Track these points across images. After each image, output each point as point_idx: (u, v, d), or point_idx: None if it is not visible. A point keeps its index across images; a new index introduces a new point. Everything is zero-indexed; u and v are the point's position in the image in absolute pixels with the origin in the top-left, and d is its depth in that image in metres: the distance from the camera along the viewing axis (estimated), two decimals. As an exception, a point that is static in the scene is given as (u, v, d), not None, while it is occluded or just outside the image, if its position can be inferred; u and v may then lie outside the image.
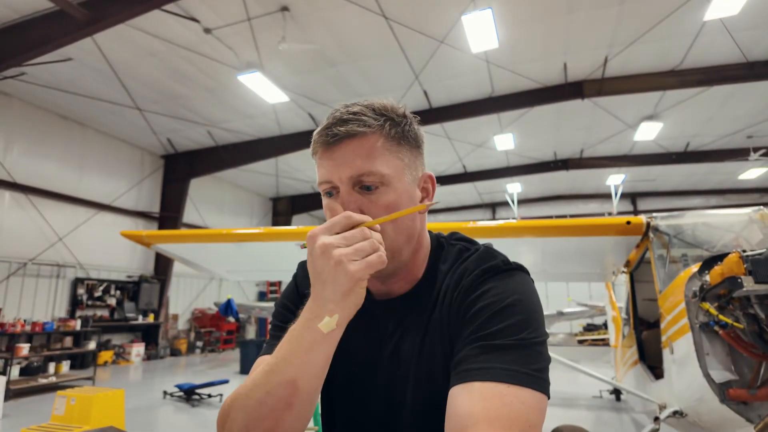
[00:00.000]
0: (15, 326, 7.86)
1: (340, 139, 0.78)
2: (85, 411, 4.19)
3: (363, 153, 0.78)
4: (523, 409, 0.65)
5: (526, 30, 8.17)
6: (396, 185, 0.81)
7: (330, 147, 0.80)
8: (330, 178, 0.80)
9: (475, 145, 13.32)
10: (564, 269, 6.04)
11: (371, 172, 0.78)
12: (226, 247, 5.23)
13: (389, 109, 0.83)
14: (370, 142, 0.79)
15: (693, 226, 3.99)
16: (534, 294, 0.79)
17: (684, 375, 3.18)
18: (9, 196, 9.60)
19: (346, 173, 0.78)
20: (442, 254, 0.91)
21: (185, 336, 13.84)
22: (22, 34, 7.29)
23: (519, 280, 0.80)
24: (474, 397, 0.66)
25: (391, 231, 0.80)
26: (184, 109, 10.72)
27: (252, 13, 7.40)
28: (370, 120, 0.80)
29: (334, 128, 0.79)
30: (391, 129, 0.81)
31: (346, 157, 0.78)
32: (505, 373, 0.68)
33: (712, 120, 11.90)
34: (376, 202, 0.79)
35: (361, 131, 0.78)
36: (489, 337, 0.72)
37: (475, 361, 0.70)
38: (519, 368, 0.68)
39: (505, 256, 0.86)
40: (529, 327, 0.73)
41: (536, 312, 0.76)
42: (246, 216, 17.16)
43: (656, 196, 18.83)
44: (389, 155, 0.81)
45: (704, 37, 8.31)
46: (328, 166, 0.80)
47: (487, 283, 0.79)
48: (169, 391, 7.36)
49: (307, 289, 0.96)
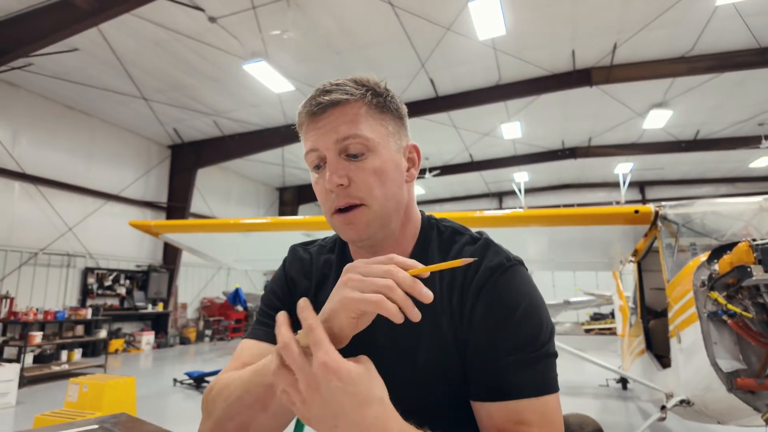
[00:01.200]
0: (28, 315, 7.99)
1: (324, 107, 0.80)
2: (98, 398, 4.26)
3: (347, 119, 0.80)
4: (555, 417, 0.73)
5: (533, 16, 8.05)
6: (381, 151, 0.82)
7: (315, 117, 0.81)
8: (316, 146, 0.81)
9: (482, 133, 13.23)
10: (571, 258, 6.03)
11: (356, 135, 0.79)
12: (233, 237, 5.26)
13: (371, 81, 0.85)
14: (354, 108, 0.81)
15: (702, 214, 3.95)
16: (536, 288, 0.82)
17: (691, 364, 3.18)
18: (19, 186, 9.69)
19: (332, 139, 0.79)
20: (432, 234, 0.91)
21: (194, 324, 14.00)
22: (28, 25, 7.29)
23: (525, 277, 0.82)
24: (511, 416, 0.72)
25: (381, 196, 0.80)
26: (190, 98, 10.72)
27: (257, 2, 7.35)
28: (352, 89, 0.81)
29: (317, 98, 0.81)
30: (373, 98, 0.83)
31: (331, 124, 0.80)
32: (533, 386, 0.73)
33: (722, 107, 11.72)
34: (363, 168, 0.80)
35: (344, 98, 0.80)
36: (519, 351, 0.75)
37: (507, 377, 0.74)
38: (543, 377, 0.74)
39: (504, 248, 0.86)
40: (543, 331, 0.77)
41: (545, 312, 0.80)
42: (253, 206, 17.22)
43: (665, 184, 18.65)
44: (373, 121, 0.82)
45: (715, 23, 8.15)
46: (313, 135, 0.81)
47: (499, 285, 0.79)
48: (179, 378, 7.47)
49: (295, 273, 0.97)
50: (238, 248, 5.87)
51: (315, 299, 0.93)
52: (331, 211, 0.82)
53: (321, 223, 4.79)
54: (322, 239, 1.03)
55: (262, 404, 0.73)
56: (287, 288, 0.98)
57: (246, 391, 0.74)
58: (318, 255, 0.99)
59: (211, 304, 14.74)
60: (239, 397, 0.75)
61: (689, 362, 3.22)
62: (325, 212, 0.84)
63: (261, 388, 0.72)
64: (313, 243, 1.03)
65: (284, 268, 1.00)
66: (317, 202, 4.60)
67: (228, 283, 15.85)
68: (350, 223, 0.81)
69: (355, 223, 0.80)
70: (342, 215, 0.81)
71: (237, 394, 0.76)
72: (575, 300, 12.77)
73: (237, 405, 0.75)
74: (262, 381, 0.72)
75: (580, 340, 8.95)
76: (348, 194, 0.79)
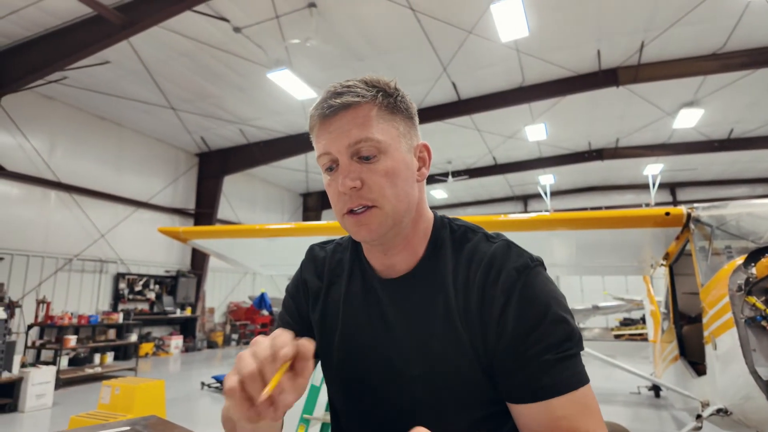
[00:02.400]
0: (63, 319, 8.27)
1: (336, 110, 0.81)
2: (129, 400, 4.37)
3: (358, 122, 0.80)
4: (593, 404, 0.75)
5: (557, 17, 7.95)
6: (393, 153, 0.82)
7: (326, 119, 0.82)
8: (328, 149, 0.81)
9: (506, 136, 13.09)
10: (599, 262, 5.89)
11: (368, 138, 0.79)
12: (258, 242, 5.33)
13: (381, 82, 0.85)
14: (365, 111, 0.81)
15: (737, 216, 3.81)
16: (557, 286, 0.83)
17: (728, 372, 3.06)
18: (55, 195, 10.08)
19: (344, 142, 0.80)
20: (445, 233, 0.91)
21: (221, 329, 14.24)
22: (63, 40, 7.60)
23: (547, 277, 0.83)
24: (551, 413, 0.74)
25: (392, 196, 0.81)
26: (216, 107, 10.96)
27: (280, 11, 7.48)
28: (363, 91, 0.82)
29: (329, 101, 0.81)
30: (383, 99, 0.83)
31: (343, 128, 0.80)
32: (570, 381, 0.75)
33: (757, 104, 11.30)
34: (375, 170, 0.80)
35: (356, 101, 0.81)
36: (546, 351, 0.75)
37: (543, 377, 0.75)
38: (575, 372, 0.76)
39: (523, 249, 0.85)
40: (573, 329, 0.78)
41: (568, 309, 0.81)
42: (277, 212, 17.45)
43: (697, 185, 18.06)
44: (384, 123, 0.82)
45: (749, 17, 7.87)
46: (325, 138, 0.82)
47: (528, 286, 0.79)
48: (206, 382, 7.60)
49: (309, 275, 0.99)
50: (264, 253, 5.94)
51: (326, 299, 0.95)
52: (343, 212, 0.83)
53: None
54: (340, 237, 1.04)
55: None
56: (300, 290, 1.00)
57: (225, 419, 0.82)
58: (333, 254, 1.00)
59: (237, 309, 14.98)
60: (223, 421, 0.84)
61: (726, 369, 3.09)
62: (336, 213, 0.85)
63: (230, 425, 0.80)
64: (331, 242, 1.04)
65: (300, 269, 1.03)
66: (339, 206, 4.47)
67: (254, 287, 16.08)
68: (362, 225, 0.81)
69: (367, 224, 0.81)
70: (354, 217, 0.81)
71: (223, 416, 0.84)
72: (604, 305, 12.47)
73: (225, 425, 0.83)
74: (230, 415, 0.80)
75: (610, 345, 8.71)
76: (360, 196, 0.80)
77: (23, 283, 9.31)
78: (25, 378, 6.04)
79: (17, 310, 8.55)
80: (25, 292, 9.24)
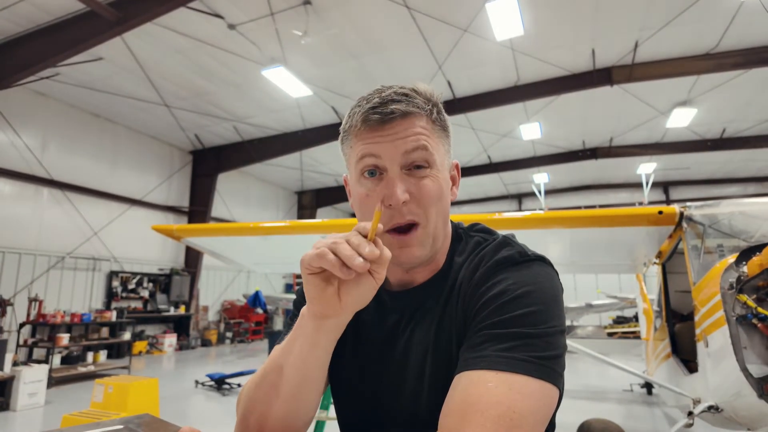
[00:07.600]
0: (55, 317, 8.21)
1: (393, 117, 0.76)
2: (122, 398, 4.35)
3: (416, 131, 0.77)
4: (509, 395, 0.61)
5: (552, 16, 7.97)
6: (440, 169, 0.80)
7: (380, 123, 0.77)
8: (378, 152, 0.77)
9: (500, 134, 13.12)
10: (593, 261, 5.92)
11: (425, 148, 0.77)
12: (253, 240, 5.32)
13: (434, 97, 0.83)
14: (422, 122, 0.79)
15: (729, 215, 3.84)
16: (550, 283, 0.75)
17: (720, 369, 3.09)
18: (47, 192, 9.99)
19: (399, 150, 0.76)
20: (460, 246, 0.89)
21: (215, 327, 14.20)
22: (56, 36, 7.52)
23: (536, 270, 0.76)
24: (458, 388, 0.66)
25: (434, 215, 0.78)
26: (211, 105, 10.91)
27: (275, 8, 7.45)
28: (422, 102, 0.79)
29: (389, 105, 0.77)
30: (437, 114, 0.82)
31: (399, 135, 0.77)
32: (497, 360, 0.65)
33: (750, 104, 11.39)
34: (424, 185, 0.77)
35: (415, 111, 0.78)
36: (491, 327, 0.69)
37: (473, 351, 0.68)
38: (515, 355, 0.65)
39: (524, 247, 0.81)
40: (538, 317, 0.69)
41: (549, 302, 0.72)
42: (272, 209, 17.40)
43: (690, 184, 18.20)
44: (436, 138, 0.81)
45: (742, 17, 7.93)
46: (376, 140, 0.77)
47: (500, 275, 0.75)
48: (200, 380, 7.58)
49: None
50: (258, 251, 5.93)
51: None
52: (386, 228, 0.77)
53: (339, 226, 4.81)
54: None
55: (274, 388, 0.77)
56: None
57: (262, 376, 0.79)
58: None
59: (231, 307, 14.93)
60: (257, 383, 0.80)
61: (717, 367, 3.12)
62: (361, 218, 0.81)
63: (274, 372, 0.77)
64: None
65: None
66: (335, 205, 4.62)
67: (248, 285, 16.03)
68: (405, 247, 0.78)
69: (409, 247, 0.78)
70: (398, 238, 0.77)
71: (255, 380, 0.81)
72: (597, 303, 12.54)
73: (255, 392, 0.79)
74: (275, 363, 0.78)
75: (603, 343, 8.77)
76: (409, 211, 0.76)
77: (15, 281, 9.22)
78: (17, 376, 5.99)
79: (9, 308, 8.49)
80: (17, 290, 9.16)
